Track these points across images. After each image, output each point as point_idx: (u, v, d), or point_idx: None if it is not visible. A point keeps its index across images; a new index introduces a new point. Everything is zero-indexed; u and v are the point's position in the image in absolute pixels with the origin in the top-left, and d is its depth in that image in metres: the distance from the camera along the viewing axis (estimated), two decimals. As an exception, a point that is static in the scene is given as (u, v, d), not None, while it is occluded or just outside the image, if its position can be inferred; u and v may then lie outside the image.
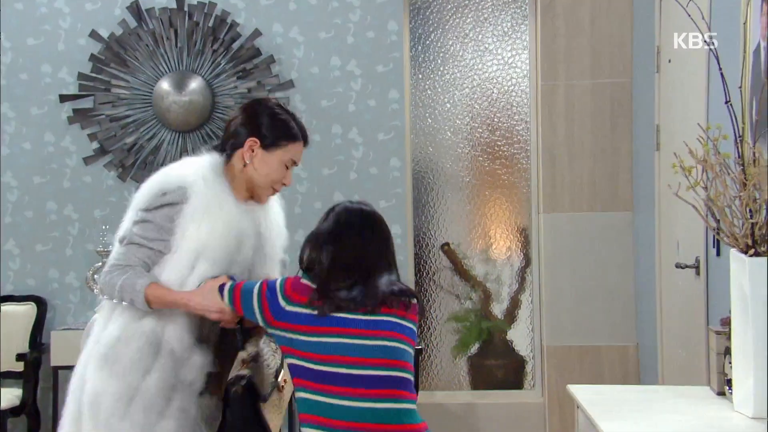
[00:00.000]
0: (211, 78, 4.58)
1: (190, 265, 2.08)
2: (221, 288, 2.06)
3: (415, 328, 1.96)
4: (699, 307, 3.20)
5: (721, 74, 2.22)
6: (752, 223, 2.07)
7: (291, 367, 1.94)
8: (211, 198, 2.10)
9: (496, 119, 4.73)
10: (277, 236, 2.27)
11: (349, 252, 2.03)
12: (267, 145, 2.17)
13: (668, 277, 3.68)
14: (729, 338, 2.30)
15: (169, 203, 2.09)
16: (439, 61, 4.75)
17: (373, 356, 1.88)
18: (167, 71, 4.56)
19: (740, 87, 2.35)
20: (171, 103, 4.51)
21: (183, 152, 4.60)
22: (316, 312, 1.93)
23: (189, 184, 2.11)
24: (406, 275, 4.65)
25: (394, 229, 4.66)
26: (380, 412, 1.83)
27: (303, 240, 2.21)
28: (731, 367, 2.21)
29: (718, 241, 2.91)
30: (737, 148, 2.15)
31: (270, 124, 2.18)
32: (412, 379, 1.92)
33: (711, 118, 2.96)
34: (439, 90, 4.76)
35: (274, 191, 2.24)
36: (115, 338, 2.09)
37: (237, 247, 2.12)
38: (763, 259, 2.05)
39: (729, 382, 2.33)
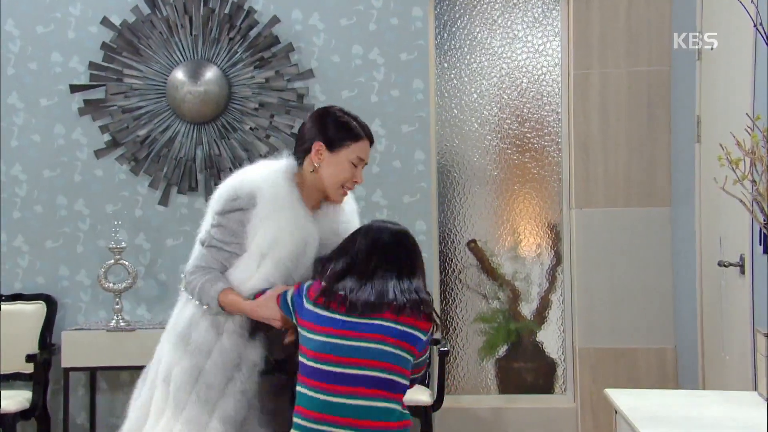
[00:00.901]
0: (228, 67, 4.59)
1: (255, 266, 2.34)
2: (279, 298, 2.31)
3: (419, 335, 2.15)
4: (743, 308, 3.18)
5: (771, 61, 2.19)
6: (805, 219, 2.04)
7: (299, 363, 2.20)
8: (278, 202, 2.34)
9: (525, 110, 4.71)
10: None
11: (361, 257, 2.25)
12: (332, 147, 2.40)
13: (710, 275, 3.65)
14: (779, 340, 2.27)
15: (240, 208, 2.35)
16: (465, 48, 4.74)
17: (355, 356, 2.11)
18: (182, 60, 4.58)
19: (791, 74, 2.32)
20: (185, 94, 4.53)
21: (198, 145, 4.63)
22: (318, 311, 2.18)
23: (258, 189, 2.36)
24: (431, 273, 4.65)
25: (418, 226, 4.67)
26: (351, 407, 2.08)
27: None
28: (781, 370, 2.19)
29: (764, 237, 2.88)
30: (788, 139, 2.13)
31: (333, 127, 2.41)
32: (397, 380, 2.12)
33: (758, 108, 2.92)
34: (466, 79, 4.75)
35: (345, 191, 2.44)
36: (188, 320, 2.39)
37: (302, 250, 2.36)
38: (816, 257, 2.03)
39: (778, 387, 2.30)
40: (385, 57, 4.61)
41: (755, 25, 2.53)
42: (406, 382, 2.16)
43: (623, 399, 2.46)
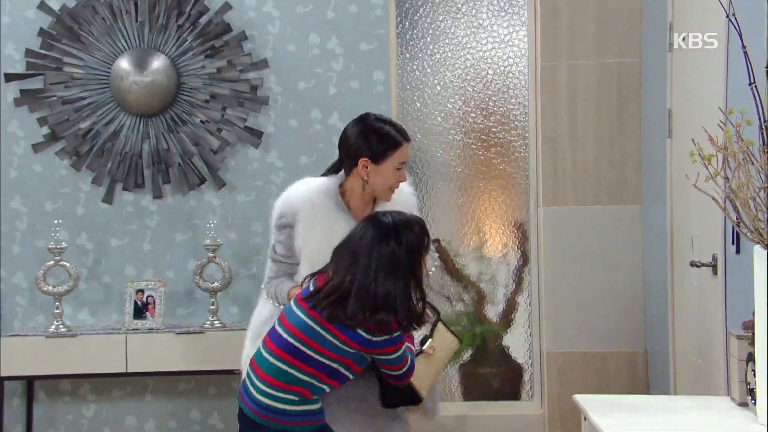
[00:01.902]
0: (176, 56, 4.54)
1: (307, 273, 2.76)
2: None
3: (364, 334, 2.48)
4: (716, 310, 3.22)
5: (745, 52, 2.22)
6: (779, 217, 2.07)
7: None
8: (314, 218, 2.78)
9: (491, 103, 4.73)
10: None
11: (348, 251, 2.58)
12: (376, 160, 2.76)
13: (681, 276, 3.69)
14: (752, 343, 2.30)
15: (286, 225, 2.84)
16: (428, 38, 4.74)
17: (302, 331, 2.52)
18: (127, 48, 4.51)
19: (766, 67, 2.35)
20: (131, 84, 4.47)
21: (144, 139, 4.57)
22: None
23: (297, 207, 2.82)
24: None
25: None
26: (265, 360, 2.56)
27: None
28: (754, 375, 2.22)
29: (737, 236, 2.92)
30: (762, 134, 2.15)
31: (374, 141, 2.76)
32: (315, 357, 2.50)
33: (731, 102, 2.96)
34: (429, 71, 4.75)
35: (393, 190, 2.82)
36: (263, 318, 2.90)
37: None
38: (790, 257, 2.06)
39: (752, 392, 2.33)
40: (344, 47, 4.59)
41: (728, 16, 2.56)
42: (336, 366, 2.51)
43: (592, 405, 2.47)
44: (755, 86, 2.18)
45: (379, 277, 2.46)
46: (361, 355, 2.54)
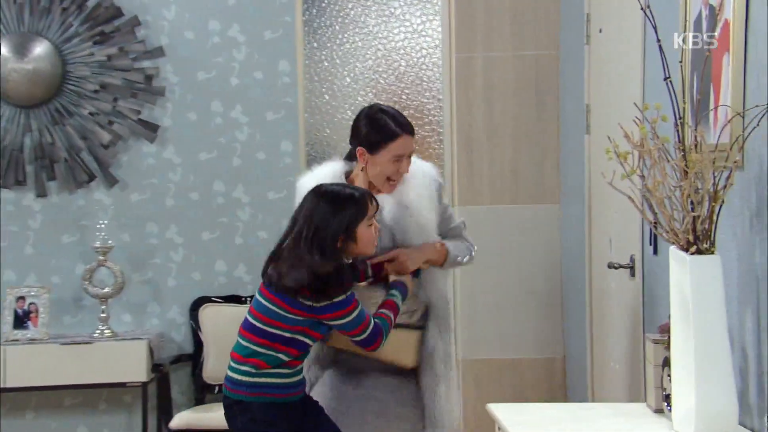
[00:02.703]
0: (61, 42, 4.40)
1: None
2: None
3: (301, 300, 2.63)
4: (634, 313, 3.28)
5: (660, 47, 2.26)
6: (694, 217, 2.12)
7: None
8: None
9: (404, 96, 4.73)
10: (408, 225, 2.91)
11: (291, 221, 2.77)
12: (371, 149, 2.87)
13: (600, 278, 3.75)
14: (668, 348, 2.35)
15: None
16: (337, 27, 4.72)
17: (260, 311, 2.71)
18: (5, 33, 4.37)
19: (680, 62, 2.40)
20: (10, 72, 4.34)
21: (26, 132, 4.42)
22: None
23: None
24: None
25: (285, 227, 4.61)
26: (238, 344, 2.77)
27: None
28: (670, 380, 2.26)
29: (655, 237, 2.98)
30: (677, 131, 2.20)
31: (369, 132, 2.88)
32: (273, 331, 2.68)
33: (648, 97, 3.02)
34: (338, 61, 4.72)
35: (393, 182, 2.90)
36: None
37: None
38: (705, 258, 2.10)
39: (668, 398, 2.38)
40: (247, 34, 4.54)
41: (642, 9, 2.61)
42: (296, 336, 2.68)
43: (507, 414, 2.49)
44: (670, 81, 2.22)
45: (306, 241, 2.63)
46: (316, 321, 2.67)
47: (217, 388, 4.54)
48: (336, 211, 2.65)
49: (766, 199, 2.09)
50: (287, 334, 2.67)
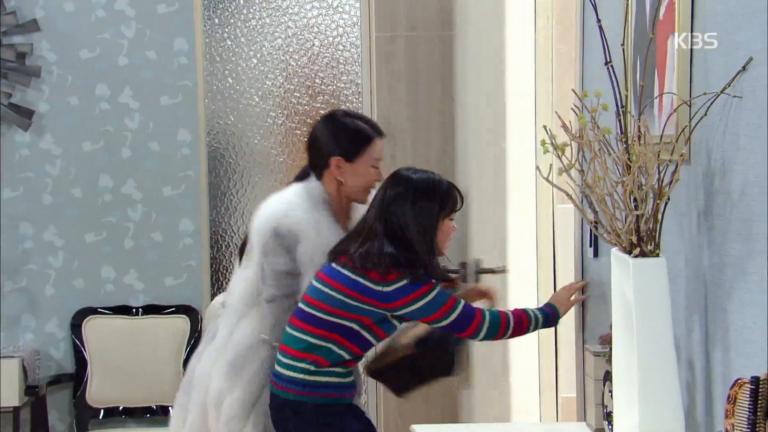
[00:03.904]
0: None
1: None
2: None
3: (369, 284, 2.70)
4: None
5: (600, 27, 2.29)
6: (637, 216, 2.15)
7: None
8: (321, 240, 2.89)
9: (318, 80, 4.72)
10: None
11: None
12: (350, 157, 2.93)
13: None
14: (610, 361, 2.38)
15: (286, 247, 2.92)
16: (242, 1, 4.69)
17: (314, 298, 2.76)
18: None
19: (623, 45, 2.44)
20: None
21: None
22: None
23: (301, 230, 2.90)
24: (200, 283, 4.59)
25: (184, 225, 4.57)
26: (287, 334, 2.81)
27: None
28: (612, 396, 2.30)
29: (596, 238, 3.03)
30: (619, 121, 2.23)
31: (345, 138, 2.94)
32: (327, 318, 2.74)
33: (587, 84, 3.07)
34: (243, 40, 4.69)
35: (369, 192, 2.97)
36: (244, 347, 2.92)
37: None
38: (650, 261, 2.14)
39: (609, 416, 2.42)
40: (137, 8, 4.50)
41: (583, -15, 2.64)
42: (351, 325, 2.73)
43: (432, 438, 2.49)
44: (611, 66, 2.25)
45: (383, 220, 2.74)
46: (382, 316, 2.72)
47: (102, 413, 4.46)
48: (422, 197, 2.75)
49: (714, 196, 2.14)
50: (346, 323, 2.72)
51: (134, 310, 4.56)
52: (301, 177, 3.01)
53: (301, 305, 2.79)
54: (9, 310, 4.47)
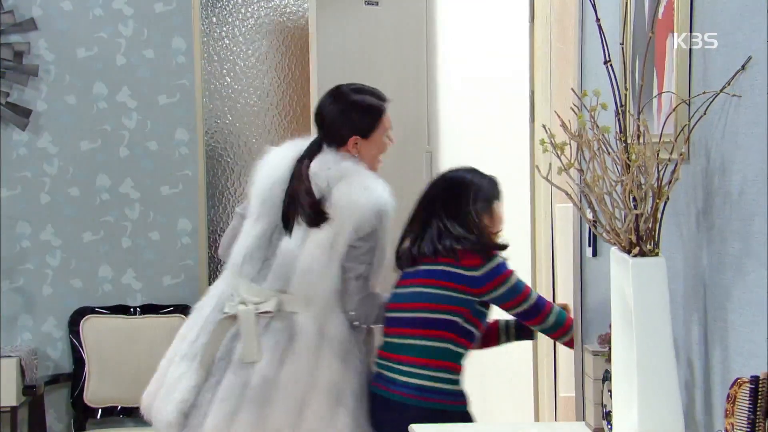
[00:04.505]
0: None
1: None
2: None
3: (461, 272, 2.86)
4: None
5: (599, 26, 2.29)
6: (636, 215, 2.15)
7: None
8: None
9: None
10: None
11: (414, 208, 3.03)
12: (366, 135, 3.01)
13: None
14: (609, 360, 2.38)
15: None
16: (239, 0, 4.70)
17: (405, 301, 2.91)
18: None
19: (622, 43, 2.44)
20: None
21: None
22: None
23: (388, 210, 3.03)
24: (198, 282, 4.61)
25: (182, 224, 4.57)
26: (393, 345, 2.93)
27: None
28: (611, 396, 2.30)
29: (595, 237, 3.03)
30: (618, 120, 2.23)
31: (360, 117, 3.00)
32: (431, 316, 2.87)
33: (586, 83, 3.07)
34: (241, 39, 4.69)
35: (380, 160, 3.10)
36: (347, 338, 3.01)
37: None
38: (649, 260, 2.14)
39: (608, 416, 2.42)
40: (135, 6, 4.51)
41: (582, -16, 2.64)
42: (456, 319, 2.87)
43: (430, 438, 2.50)
44: (610, 65, 2.25)
45: (442, 212, 2.92)
46: (473, 302, 2.87)
47: (100, 413, 4.46)
48: (479, 190, 2.95)
49: (713, 196, 2.14)
50: (453, 318, 2.85)
51: (132, 309, 4.56)
52: (317, 149, 3.02)
53: (396, 314, 2.91)
54: (6, 310, 4.47)
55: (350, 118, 3.00)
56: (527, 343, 3.80)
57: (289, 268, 2.94)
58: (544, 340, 3.73)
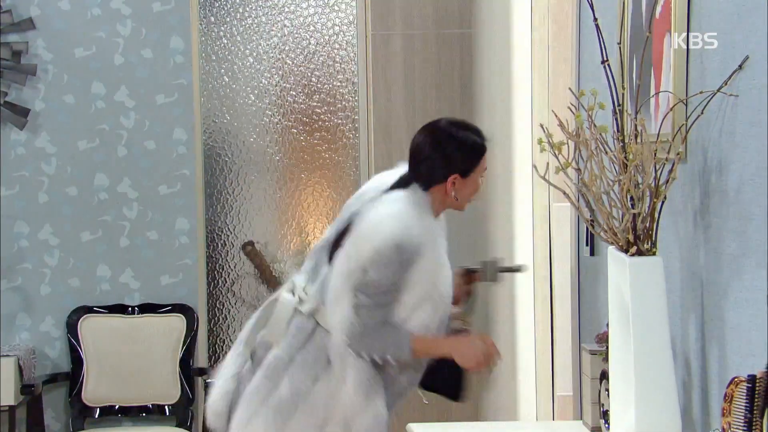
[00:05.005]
0: None
1: (412, 309, 2.87)
2: None
3: None
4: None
5: (597, 26, 2.30)
6: (634, 215, 2.15)
7: None
8: (437, 251, 2.86)
9: (314, 79, 4.72)
10: None
11: None
12: (466, 173, 2.86)
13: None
14: (606, 359, 2.39)
15: (406, 260, 2.83)
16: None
17: None
18: None
19: (619, 43, 2.45)
20: None
21: None
22: None
23: (422, 243, 2.82)
24: (196, 281, 4.58)
25: (180, 224, 4.57)
26: None
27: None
28: (609, 395, 2.30)
29: (592, 237, 3.03)
30: (616, 120, 2.23)
31: (462, 155, 2.86)
32: None
33: (583, 82, 3.07)
34: (239, 39, 4.69)
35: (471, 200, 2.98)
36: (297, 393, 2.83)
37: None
38: (646, 259, 2.14)
39: (606, 415, 2.42)
40: (133, 6, 4.50)
41: (579, -17, 2.65)
42: None
43: (429, 437, 2.50)
44: (608, 64, 2.26)
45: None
46: None
47: (98, 412, 4.46)
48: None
49: (710, 195, 2.14)
50: None
51: (130, 308, 4.56)
52: (402, 185, 2.88)
53: None
54: (4, 309, 4.47)
55: (455, 156, 2.84)
56: (527, 342, 3.80)
57: (325, 289, 2.87)
58: (543, 339, 3.73)
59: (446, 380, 2.94)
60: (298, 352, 2.84)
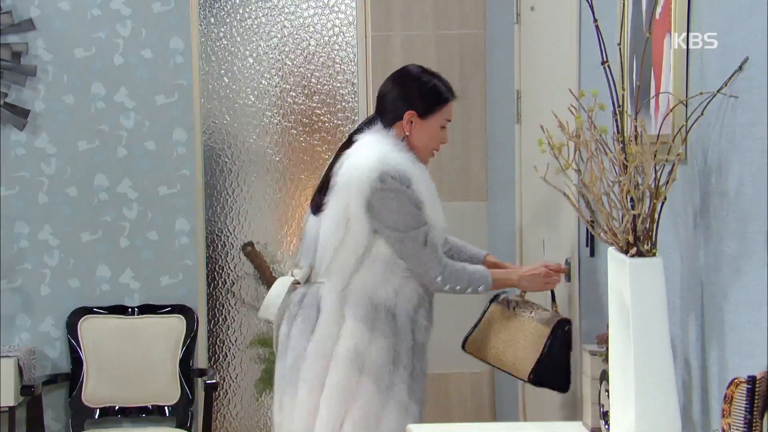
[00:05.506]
0: None
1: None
2: None
3: None
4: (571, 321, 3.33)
5: (596, 27, 2.29)
6: (634, 216, 2.15)
7: None
8: (423, 182, 3.00)
9: (314, 80, 4.72)
10: None
11: None
12: (423, 114, 3.01)
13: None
14: (606, 360, 2.39)
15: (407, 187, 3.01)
16: (237, 0, 4.69)
17: None
18: None
19: (619, 44, 2.45)
20: None
21: None
22: None
23: (409, 173, 2.96)
24: (196, 282, 4.58)
25: (179, 225, 4.57)
26: None
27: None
28: (609, 396, 2.30)
29: (592, 237, 3.03)
30: (616, 121, 2.23)
31: (421, 94, 3.01)
32: None
33: (584, 83, 3.07)
34: (239, 39, 4.69)
35: (432, 154, 3.09)
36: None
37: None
38: (646, 260, 2.14)
39: (606, 416, 2.42)
40: (132, 6, 4.50)
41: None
42: None
43: (428, 438, 2.50)
44: (608, 66, 2.26)
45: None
46: None
47: (98, 413, 4.46)
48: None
49: (710, 196, 2.14)
50: None
51: (130, 309, 4.56)
52: (368, 124, 3.03)
53: None
54: (4, 310, 4.46)
55: (411, 92, 3.01)
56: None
57: (313, 244, 3.03)
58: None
59: (555, 375, 3.06)
60: (298, 313, 3.03)
